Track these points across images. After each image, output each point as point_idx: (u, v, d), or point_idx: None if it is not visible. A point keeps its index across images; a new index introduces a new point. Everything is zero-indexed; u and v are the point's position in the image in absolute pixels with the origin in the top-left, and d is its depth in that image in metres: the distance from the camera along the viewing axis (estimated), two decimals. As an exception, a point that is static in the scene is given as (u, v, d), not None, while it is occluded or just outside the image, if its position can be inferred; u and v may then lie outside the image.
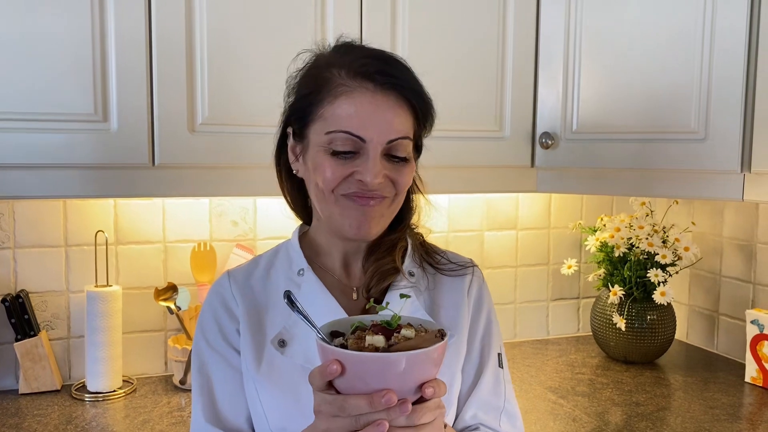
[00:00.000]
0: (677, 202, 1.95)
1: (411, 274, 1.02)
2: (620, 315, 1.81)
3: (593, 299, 2.00)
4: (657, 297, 1.74)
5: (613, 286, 1.82)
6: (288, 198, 1.06)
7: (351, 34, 1.03)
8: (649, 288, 1.80)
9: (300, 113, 0.94)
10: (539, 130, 1.64)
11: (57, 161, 1.32)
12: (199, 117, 1.40)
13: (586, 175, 1.65)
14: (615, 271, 1.86)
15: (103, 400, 1.59)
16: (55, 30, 1.30)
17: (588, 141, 1.61)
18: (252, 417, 0.97)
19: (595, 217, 2.06)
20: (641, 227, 1.81)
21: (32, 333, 1.60)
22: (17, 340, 1.60)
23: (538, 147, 1.65)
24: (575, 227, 2.04)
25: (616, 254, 1.83)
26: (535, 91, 1.65)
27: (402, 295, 0.89)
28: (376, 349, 0.73)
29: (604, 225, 1.91)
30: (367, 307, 0.89)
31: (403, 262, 1.01)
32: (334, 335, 0.79)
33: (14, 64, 1.28)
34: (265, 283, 1.02)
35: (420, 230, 1.09)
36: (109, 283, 1.66)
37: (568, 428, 1.46)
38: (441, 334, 0.78)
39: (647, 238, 1.79)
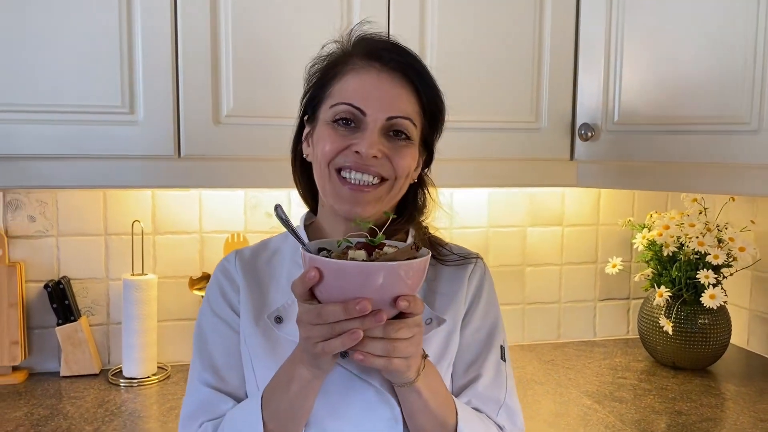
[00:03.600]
0: (734, 199, 1.82)
1: None
2: (667, 318, 1.70)
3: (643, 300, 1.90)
4: (706, 300, 1.63)
5: (660, 287, 1.71)
6: (298, 185, 1.07)
7: (378, 22, 1.02)
8: (700, 290, 1.69)
9: (313, 97, 0.98)
10: (579, 121, 1.56)
11: (84, 152, 1.35)
12: (224, 109, 1.41)
13: (629, 168, 1.55)
14: (664, 271, 1.76)
15: (137, 386, 1.63)
16: (83, 21, 1.33)
17: (631, 132, 1.52)
18: (246, 384, 0.98)
19: (647, 213, 1.94)
20: (692, 225, 1.70)
21: (72, 318, 1.66)
22: (59, 324, 1.66)
23: (577, 139, 1.57)
24: (625, 224, 1.94)
25: (665, 253, 1.72)
26: (575, 78, 1.57)
27: (386, 213, 0.91)
28: None
29: (653, 222, 1.81)
30: (352, 225, 0.92)
31: None
32: (321, 252, 0.82)
33: (43, 56, 1.32)
34: (269, 264, 1.04)
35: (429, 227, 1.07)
36: (146, 272, 1.70)
37: (600, 435, 1.39)
38: (416, 247, 0.82)
39: (698, 237, 1.68)
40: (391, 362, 0.78)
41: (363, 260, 0.76)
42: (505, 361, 1.02)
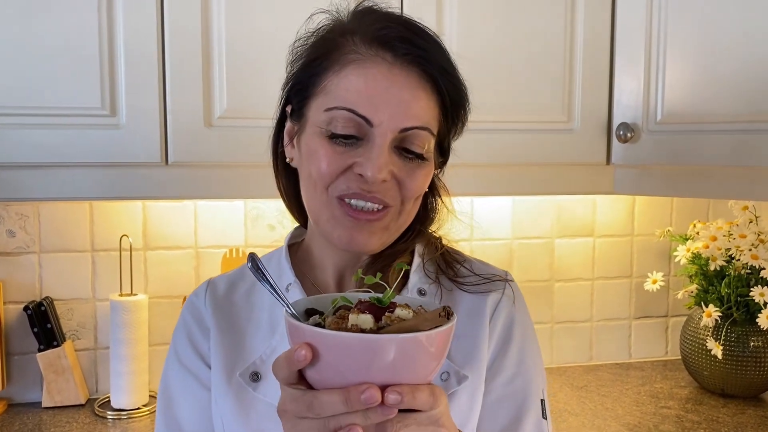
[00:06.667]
0: (789, 206, 1.64)
1: (421, 293, 0.81)
2: (716, 340, 1.52)
3: (685, 317, 1.72)
4: (762, 321, 1.44)
5: (707, 306, 1.53)
6: (283, 194, 0.88)
7: (389, 6, 0.85)
8: (752, 309, 1.51)
9: (300, 86, 0.77)
10: (616, 121, 1.40)
11: (61, 160, 1.21)
12: (216, 110, 1.26)
13: (673, 173, 1.38)
14: (710, 288, 1.58)
15: (126, 418, 1.47)
16: (61, 17, 1.18)
17: (676, 133, 1.34)
18: None
19: (687, 222, 1.76)
20: (743, 236, 1.52)
21: (56, 343, 1.51)
22: (40, 350, 1.51)
23: (615, 140, 1.40)
24: (663, 235, 1.76)
25: (712, 268, 1.54)
26: (611, 74, 1.40)
27: (399, 265, 0.68)
28: (362, 332, 0.56)
29: (698, 233, 1.63)
30: (354, 279, 0.70)
31: (407, 279, 0.81)
32: (310, 314, 0.62)
33: (13, 54, 1.17)
34: (248, 299, 0.85)
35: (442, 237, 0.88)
36: (135, 291, 1.54)
37: (648, 480, 1.21)
38: (447, 314, 0.60)
39: (750, 250, 1.50)
40: None
41: (370, 328, 0.57)
42: (546, 419, 0.82)
